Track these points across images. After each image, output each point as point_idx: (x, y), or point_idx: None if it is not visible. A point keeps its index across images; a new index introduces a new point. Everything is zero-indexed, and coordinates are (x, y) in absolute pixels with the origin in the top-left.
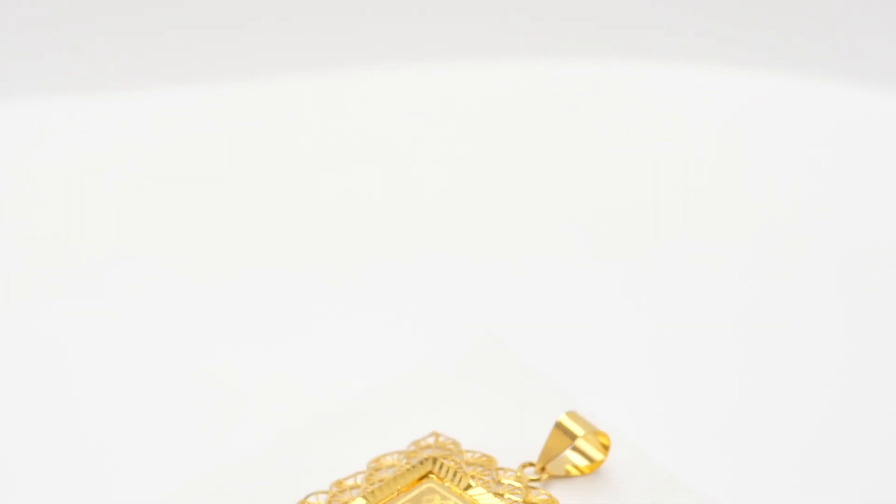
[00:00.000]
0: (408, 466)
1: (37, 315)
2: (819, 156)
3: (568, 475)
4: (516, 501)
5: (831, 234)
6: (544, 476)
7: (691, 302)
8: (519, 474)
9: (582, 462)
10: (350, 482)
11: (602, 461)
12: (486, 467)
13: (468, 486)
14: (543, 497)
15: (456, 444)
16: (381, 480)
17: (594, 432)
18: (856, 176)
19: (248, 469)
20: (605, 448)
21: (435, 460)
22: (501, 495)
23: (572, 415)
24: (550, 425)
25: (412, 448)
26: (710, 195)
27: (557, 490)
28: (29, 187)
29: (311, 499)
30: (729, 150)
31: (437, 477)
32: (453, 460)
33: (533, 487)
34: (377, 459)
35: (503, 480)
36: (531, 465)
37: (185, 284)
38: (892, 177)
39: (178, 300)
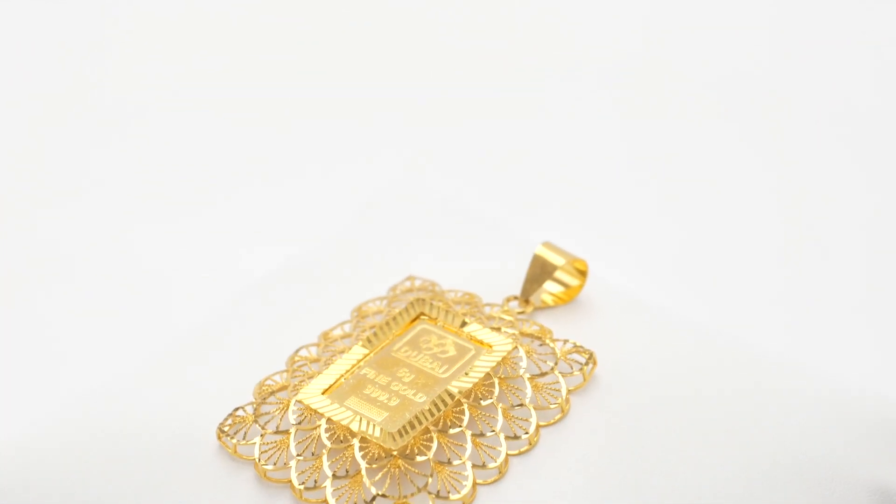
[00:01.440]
0: (398, 310)
1: None
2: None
3: (545, 305)
4: (513, 334)
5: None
6: (529, 308)
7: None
8: (506, 308)
9: (562, 290)
10: (338, 332)
11: (581, 287)
12: (472, 305)
13: (463, 324)
14: (535, 328)
15: (434, 284)
16: (372, 327)
17: (571, 260)
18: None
19: (221, 332)
20: (583, 274)
21: (424, 301)
22: (498, 329)
23: (549, 245)
24: (510, 257)
25: (391, 293)
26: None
27: (542, 320)
28: None
29: (303, 352)
30: None
31: (430, 318)
32: (441, 300)
33: (522, 320)
34: (360, 308)
35: (494, 315)
36: (515, 298)
37: (117, 161)
38: None
39: (113, 179)
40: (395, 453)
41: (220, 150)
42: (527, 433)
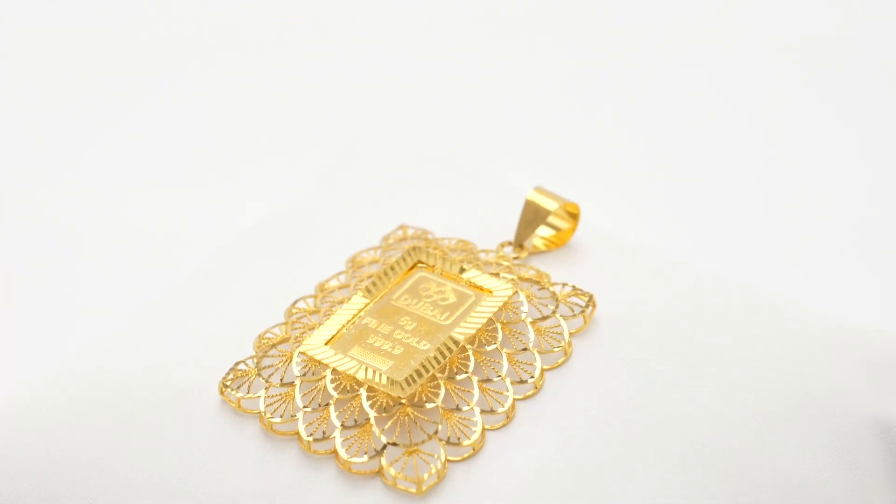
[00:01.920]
0: (395, 259)
1: None
2: None
3: (537, 250)
4: (512, 279)
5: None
6: (523, 253)
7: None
8: (500, 254)
9: (553, 234)
10: (334, 283)
11: (573, 231)
12: (467, 251)
13: (462, 270)
14: (532, 273)
15: (426, 233)
16: (369, 276)
17: (564, 204)
18: None
19: (214, 287)
20: (574, 218)
21: (420, 249)
22: (497, 275)
23: (540, 190)
24: (493, 204)
25: (384, 243)
26: None
27: (537, 265)
28: None
29: (301, 304)
30: None
31: (427, 266)
32: (437, 248)
33: (519, 265)
34: (354, 258)
35: (491, 261)
36: (509, 244)
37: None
38: None
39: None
40: (403, 401)
41: (207, 114)
42: (532, 377)
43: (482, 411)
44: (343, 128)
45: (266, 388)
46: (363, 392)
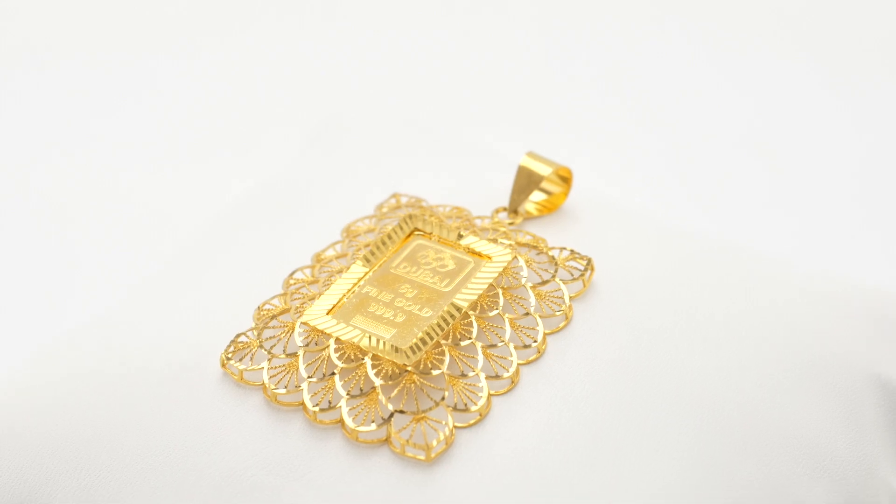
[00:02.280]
0: (391, 227)
1: None
2: None
3: (531, 215)
4: (510, 244)
5: None
6: (518, 219)
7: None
8: (496, 220)
9: (545, 199)
10: (330, 252)
11: (566, 195)
12: (463, 218)
13: (459, 237)
14: (528, 238)
15: (420, 201)
16: (367, 245)
17: (556, 168)
18: None
19: (208, 260)
20: (566, 182)
21: (417, 217)
22: (495, 241)
23: (533, 155)
24: (479, 170)
25: (378, 212)
26: None
27: (532, 229)
28: None
29: (298, 274)
30: None
31: (424, 233)
32: (433, 215)
33: (515, 230)
34: (349, 227)
35: (487, 227)
36: (504, 210)
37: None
38: None
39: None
40: (409, 369)
41: (193, 90)
42: (535, 342)
43: (487, 377)
44: (328, 100)
45: (269, 360)
46: (368, 361)
